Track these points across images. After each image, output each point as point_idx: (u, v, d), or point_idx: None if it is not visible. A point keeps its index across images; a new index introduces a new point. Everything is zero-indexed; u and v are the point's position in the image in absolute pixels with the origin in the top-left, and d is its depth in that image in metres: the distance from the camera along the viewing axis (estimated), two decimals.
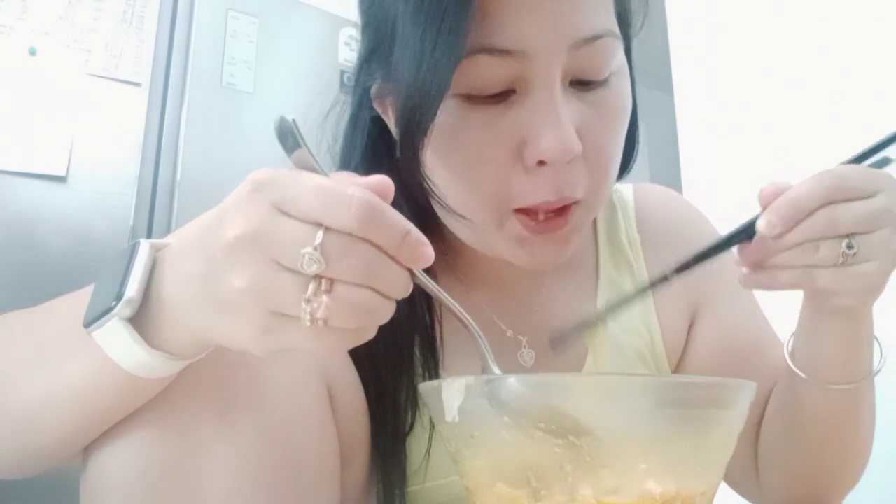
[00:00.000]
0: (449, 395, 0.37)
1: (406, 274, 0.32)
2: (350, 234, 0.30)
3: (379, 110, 0.53)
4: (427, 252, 0.32)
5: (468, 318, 0.38)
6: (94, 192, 1.35)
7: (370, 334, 0.33)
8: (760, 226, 0.42)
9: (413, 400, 0.53)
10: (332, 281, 0.30)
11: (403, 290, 0.33)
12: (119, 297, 0.34)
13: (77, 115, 1.36)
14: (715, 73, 1.44)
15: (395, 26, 0.45)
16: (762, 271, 0.45)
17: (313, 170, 0.34)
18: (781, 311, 0.62)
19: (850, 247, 0.42)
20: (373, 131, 0.55)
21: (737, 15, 1.41)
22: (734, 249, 0.46)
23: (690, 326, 0.64)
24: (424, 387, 0.41)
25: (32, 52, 1.34)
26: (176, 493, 0.38)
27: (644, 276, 0.62)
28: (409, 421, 0.52)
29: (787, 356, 0.53)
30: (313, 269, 0.30)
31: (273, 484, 0.40)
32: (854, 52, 1.18)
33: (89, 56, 1.39)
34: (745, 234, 0.45)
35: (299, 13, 1.61)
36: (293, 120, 0.34)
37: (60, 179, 1.32)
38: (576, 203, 0.47)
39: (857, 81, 1.17)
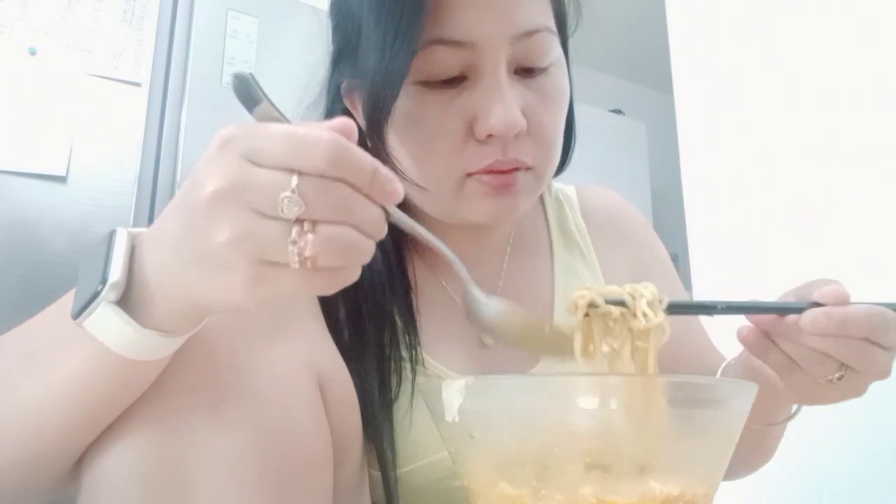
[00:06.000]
0: (449, 395, 0.37)
1: (380, 211, 0.34)
2: (322, 176, 0.31)
3: (348, 105, 0.58)
4: (397, 188, 0.34)
5: (443, 246, 0.42)
6: (94, 192, 1.35)
7: (355, 275, 0.34)
8: (807, 320, 0.44)
9: (397, 366, 0.56)
10: (313, 222, 0.31)
11: (380, 226, 0.34)
12: (104, 282, 0.34)
13: (77, 115, 1.36)
14: (715, 73, 1.43)
15: (360, 25, 0.52)
16: (762, 338, 0.48)
17: (278, 121, 0.35)
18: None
19: (840, 378, 0.46)
20: None
21: (737, 15, 1.41)
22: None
23: None
24: (424, 387, 0.41)
25: (32, 52, 1.34)
26: (171, 488, 0.38)
27: (593, 257, 0.70)
28: (394, 388, 0.55)
29: None
30: (294, 211, 0.31)
31: (267, 476, 0.41)
32: (855, 52, 1.18)
33: (89, 56, 1.39)
34: (789, 310, 0.46)
35: (299, 13, 1.61)
36: (251, 74, 0.35)
37: (60, 179, 1.32)
38: (525, 169, 0.53)
39: (857, 81, 1.17)
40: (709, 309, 0.46)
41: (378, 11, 0.49)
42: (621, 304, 0.43)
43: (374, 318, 0.56)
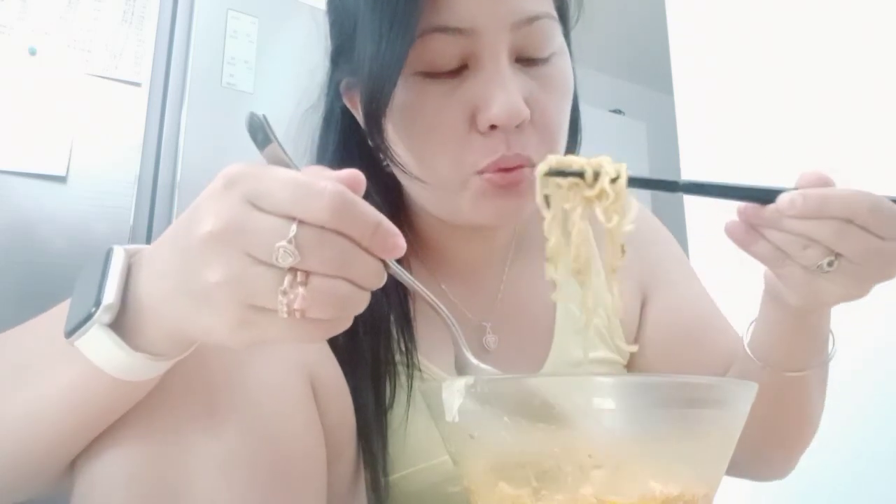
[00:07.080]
0: (449, 395, 0.37)
1: (379, 264, 0.33)
2: (323, 227, 0.31)
3: (347, 103, 0.57)
4: (399, 243, 0.33)
5: (440, 305, 0.42)
6: (94, 192, 1.34)
7: (346, 324, 0.34)
8: (783, 200, 0.43)
9: (392, 373, 0.55)
10: (307, 273, 0.31)
11: (377, 280, 0.33)
12: (98, 304, 0.34)
13: (77, 115, 1.36)
14: (715, 73, 1.43)
15: (356, 17, 0.50)
16: (748, 230, 0.46)
17: (285, 164, 0.35)
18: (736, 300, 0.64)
19: (829, 264, 0.43)
20: (343, 125, 0.59)
21: (737, 15, 1.41)
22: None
23: (642, 307, 0.69)
24: (424, 387, 0.41)
25: (32, 52, 1.34)
26: (163, 491, 0.38)
27: (598, 263, 0.67)
28: (389, 395, 0.54)
29: (745, 343, 0.56)
30: (288, 261, 0.30)
31: (260, 479, 0.41)
32: (854, 51, 1.18)
33: (89, 56, 1.39)
34: (764, 195, 0.45)
35: (299, 13, 1.61)
36: (263, 116, 0.36)
37: (60, 179, 1.32)
38: (530, 167, 0.51)
39: (857, 80, 1.17)
40: (670, 185, 0.45)
41: (374, 1, 0.48)
42: (579, 175, 0.43)
43: (368, 324, 0.55)
